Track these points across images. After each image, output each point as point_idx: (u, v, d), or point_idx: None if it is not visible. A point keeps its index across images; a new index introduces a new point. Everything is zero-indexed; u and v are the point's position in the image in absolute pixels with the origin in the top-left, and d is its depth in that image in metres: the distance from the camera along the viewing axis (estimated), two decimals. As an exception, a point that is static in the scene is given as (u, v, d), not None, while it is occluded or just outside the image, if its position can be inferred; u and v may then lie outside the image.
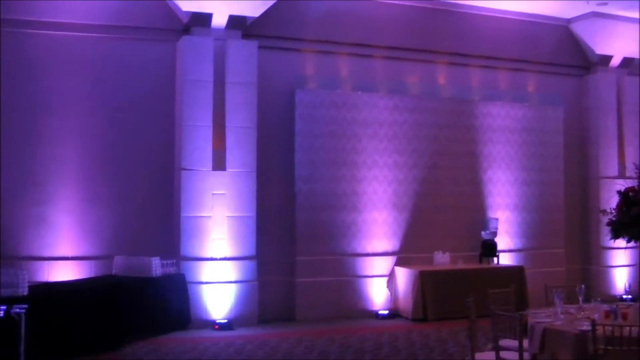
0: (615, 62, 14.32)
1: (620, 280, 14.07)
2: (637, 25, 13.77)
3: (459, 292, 11.89)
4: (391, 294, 12.45)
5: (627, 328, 5.70)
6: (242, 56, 11.37)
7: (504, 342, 6.76)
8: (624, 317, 6.34)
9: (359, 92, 12.55)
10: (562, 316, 6.65)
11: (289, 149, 12.10)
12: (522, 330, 6.24)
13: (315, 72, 12.36)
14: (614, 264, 14.16)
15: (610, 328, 5.84)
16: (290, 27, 12.08)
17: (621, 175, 14.30)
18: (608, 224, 7.16)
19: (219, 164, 11.19)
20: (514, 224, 13.65)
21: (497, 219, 13.22)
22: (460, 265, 12.68)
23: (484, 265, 12.81)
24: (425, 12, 13.09)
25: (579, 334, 6.05)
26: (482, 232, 13.04)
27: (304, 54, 12.31)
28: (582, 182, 14.58)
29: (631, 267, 14.28)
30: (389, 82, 12.91)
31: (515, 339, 6.34)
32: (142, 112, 11.39)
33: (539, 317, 6.69)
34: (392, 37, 12.85)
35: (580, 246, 14.51)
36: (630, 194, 7.04)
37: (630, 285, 12.58)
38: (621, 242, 13.77)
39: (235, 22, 11.33)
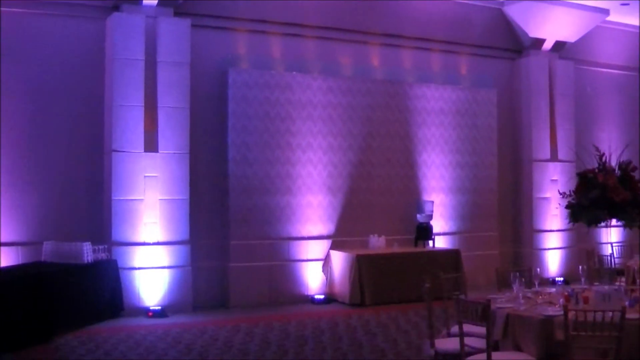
0: (548, 45, 15.08)
1: (552, 262, 14.86)
2: (570, 9, 14.55)
3: (396, 276, 12.52)
4: (327, 279, 12.87)
5: (596, 313, 5.67)
6: (174, 35, 11.56)
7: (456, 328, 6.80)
8: (585, 301, 6.49)
9: (293, 73, 12.90)
10: (522, 301, 6.73)
11: (222, 130, 12.36)
12: (489, 316, 6.13)
13: (248, 52, 12.65)
14: (546, 247, 14.97)
15: (580, 313, 5.76)
16: (223, 5, 12.31)
17: (553, 158, 15.12)
18: (567, 207, 7.39)
19: (151, 145, 11.38)
20: (448, 207, 14.26)
21: (432, 202, 13.79)
22: (397, 249, 13.20)
23: (420, 249, 13.37)
24: (359, -8, 13.52)
25: (544, 320, 6.13)
26: (417, 215, 13.58)
27: (237, 33, 12.58)
28: (515, 165, 15.32)
29: (563, 250, 15.10)
30: (323, 63, 13.31)
31: (476, 325, 6.30)
32: (70, 93, 11.47)
33: (499, 302, 6.76)
34: (325, 17, 13.22)
35: (513, 229, 15.28)
36: (590, 175, 7.22)
37: (538, 270, 13.25)
38: (552, 225, 14.74)
39: (167, -1, 11.53)
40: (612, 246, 12.78)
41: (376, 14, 13.66)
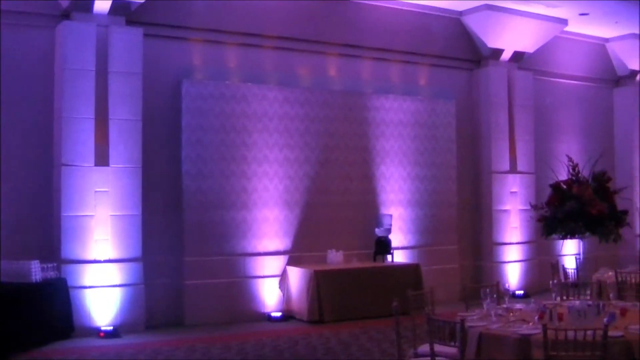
0: (506, 56, 15.44)
1: (512, 275, 15.17)
2: (528, 19, 14.93)
3: (356, 291, 12.68)
4: (284, 295, 12.96)
5: (577, 332, 5.68)
6: (127, 44, 11.58)
7: (426, 347, 6.87)
8: (560, 318, 6.45)
9: (249, 84, 12.99)
10: (494, 319, 6.70)
11: (176, 143, 12.39)
12: (465, 336, 6.21)
13: (203, 63, 12.71)
14: (506, 260, 15.28)
15: (559, 332, 5.77)
16: (177, 14, 12.36)
17: (512, 170, 15.44)
18: (539, 220, 7.39)
19: (102, 159, 11.37)
20: (407, 221, 14.47)
21: (390, 216, 13.98)
22: (356, 264, 13.36)
23: (380, 264, 13.54)
24: (316, 2, 13.65)
25: (520, 339, 6.04)
26: (376, 229, 13.76)
27: (191, 43, 12.63)
28: (474, 177, 15.63)
29: (523, 263, 15.43)
30: (279, 74, 13.43)
31: (446, 345, 6.37)
32: (18, 104, 11.35)
33: (470, 320, 6.65)
34: (282, 27, 13.35)
35: (473, 242, 15.58)
36: (564, 187, 7.25)
37: (509, 286, 13.55)
38: (512, 237, 15.06)
39: (119, 7, 11.51)
40: (576, 259, 13.10)
41: (334, 24, 13.85)
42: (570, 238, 7.20)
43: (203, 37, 12.70)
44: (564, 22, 15.52)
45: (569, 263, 13.01)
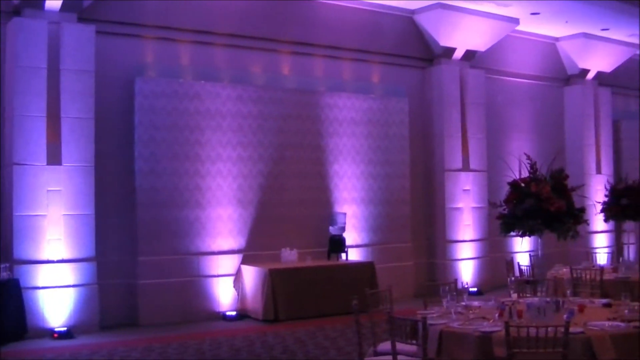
0: (459, 54, 15.91)
1: (466, 273, 15.63)
2: (480, 18, 15.41)
3: (310, 290, 12.98)
4: (238, 294, 13.22)
5: (538, 329, 5.85)
6: (78, 41, 11.71)
7: (385, 345, 7.05)
8: (520, 315, 6.59)
9: (202, 82, 13.22)
10: (454, 316, 6.83)
11: (129, 141, 12.56)
12: (426, 334, 6.32)
13: (156, 60, 12.91)
14: (459, 257, 15.75)
15: (521, 329, 5.93)
16: (130, 11, 12.53)
17: (465, 167, 15.91)
18: (498, 218, 7.53)
19: (54, 158, 11.49)
20: (361, 219, 14.84)
21: (344, 214, 14.31)
22: (310, 262, 13.66)
23: (334, 262, 13.86)
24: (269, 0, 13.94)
25: (482, 336, 6.16)
26: (330, 228, 14.08)
27: (144, 40, 12.82)
28: (427, 175, 16.07)
29: (476, 260, 15.92)
30: (233, 71, 13.68)
31: (407, 343, 6.51)
32: (-34, 102, 11.48)
33: (431, 318, 6.74)
34: (235, 24, 13.60)
35: (426, 240, 16.02)
36: (522, 184, 7.42)
37: (467, 284, 13.99)
38: (465, 235, 15.50)
39: (71, 4, 11.63)
40: (530, 256, 13.59)
41: (287, 21, 14.14)
42: (529, 235, 7.33)
43: (156, 35, 12.90)
44: (516, 21, 16.05)
45: (522, 260, 13.47)
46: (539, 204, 7.17)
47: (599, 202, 12.40)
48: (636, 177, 12.48)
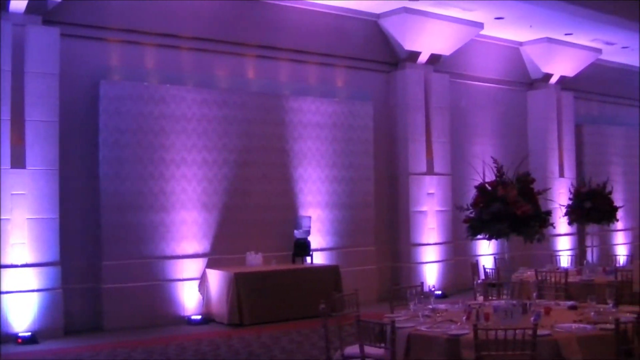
0: (423, 58, 16.32)
1: (430, 276, 16.04)
2: (444, 22, 15.85)
3: (276, 294, 13.27)
4: (203, 298, 13.47)
5: (507, 331, 6.00)
6: (43, 44, 11.88)
7: (353, 349, 7.22)
8: (487, 317, 6.79)
9: (167, 85, 13.45)
10: (422, 319, 6.99)
11: (94, 145, 12.77)
12: (395, 337, 6.46)
13: (121, 63, 13.12)
14: (423, 261, 16.16)
15: (489, 332, 6.07)
16: (95, 14, 12.73)
17: (429, 171, 16.31)
18: (465, 222, 7.67)
19: (18, 161, 11.65)
20: (326, 222, 15.18)
21: (309, 217, 14.65)
22: (275, 266, 13.97)
23: (299, 266, 14.20)
24: (234, 3, 14.22)
25: (450, 339, 6.31)
26: (295, 231, 14.40)
27: (109, 43, 13.02)
28: (391, 179, 16.46)
29: (440, 263, 16.34)
30: (198, 75, 13.95)
31: (375, 346, 6.66)
32: None
33: (398, 321, 6.84)
34: (200, 28, 13.87)
35: (390, 243, 16.40)
36: (489, 188, 7.60)
37: (434, 287, 14.35)
38: (430, 239, 15.88)
39: (35, 6, 11.80)
40: (494, 259, 13.97)
41: (252, 25, 14.43)
42: (496, 239, 7.51)
43: (121, 38, 13.11)
44: (480, 25, 16.52)
45: (487, 263, 13.85)
46: (506, 208, 7.35)
47: (563, 205, 12.80)
48: (599, 180, 12.85)
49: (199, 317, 13.23)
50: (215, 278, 13.38)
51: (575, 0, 15.76)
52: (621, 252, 19.34)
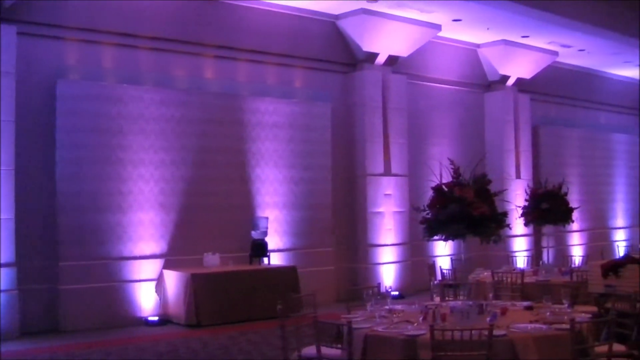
0: (381, 59, 16.71)
1: (387, 277, 16.43)
2: (402, 24, 16.25)
3: (233, 295, 13.52)
4: (161, 299, 13.69)
5: (463, 332, 6.14)
6: (-1, 43, 11.99)
7: (310, 350, 7.30)
8: (443, 318, 6.95)
9: (125, 85, 13.64)
10: (379, 320, 7.10)
11: (50, 145, 12.89)
12: (351, 338, 6.59)
13: (78, 63, 13.26)
14: (381, 261, 16.55)
15: (445, 332, 6.20)
16: (52, 12, 12.85)
17: (387, 172, 16.68)
18: (422, 222, 7.79)
19: (-26, 162, 11.76)
20: (283, 223, 15.49)
21: (266, 218, 14.93)
22: (232, 267, 14.23)
23: (256, 266, 14.48)
24: (193, 3, 14.45)
25: (406, 340, 6.42)
26: (252, 232, 14.67)
27: (66, 42, 13.15)
28: (349, 180, 16.80)
29: (397, 264, 16.75)
30: (156, 75, 14.15)
31: (332, 347, 6.81)
32: None
33: (355, 322, 6.96)
34: (159, 27, 14.07)
35: (348, 244, 16.73)
36: (445, 189, 7.74)
37: (391, 287, 14.67)
38: (387, 239, 16.21)
39: (-8, 5, 11.93)
40: (451, 260, 14.33)
41: (211, 25, 14.68)
42: (453, 240, 7.67)
43: (78, 37, 13.24)
44: (438, 27, 16.95)
45: (444, 264, 14.21)
46: (463, 209, 7.47)
47: (519, 207, 13.10)
48: (555, 181, 13.16)
49: (156, 318, 13.43)
50: (173, 279, 13.58)
51: (533, 3, 16.21)
52: (577, 253, 19.81)
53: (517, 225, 15.49)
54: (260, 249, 14.63)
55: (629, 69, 23.03)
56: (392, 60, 16.87)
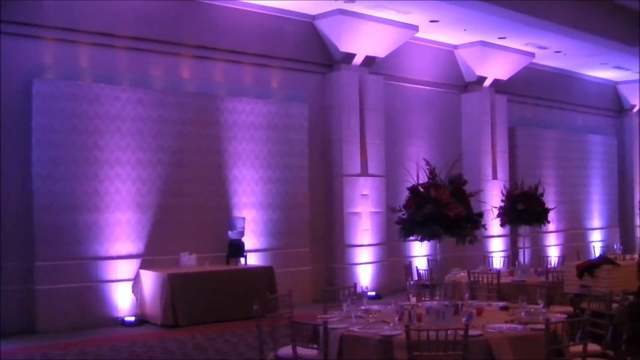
0: (358, 60, 16.92)
1: (364, 277, 16.64)
2: (379, 24, 16.48)
3: (210, 295, 13.66)
4: (137, 299, 13.81)
5: (438, 332, 6.22)
6: (-25, 42, 12.11)
7: (286, 350, 7.41)
8: (419, 318, 7.05)
9: (102, 84, 13.73)
10: (354, 320, 7.18)
11: (26, 145, 12.98)
12: (327, 338, 6.67)
13: (55, 62, 13.34)
14: (358, 262, 16.77)
15: (421, 332, 6.29)
16: (29, 11, 12.95)
17: (364, 173, 16.88)
18: (398, 223, 7.87)
19: (-51, 161, 11.86)
20: (260, 223, 15.67)
21: (243, 219, 15.09)
22: (209, 267, 14.38)
23: (233, 267, 14.64)
24: (170, 3, 14.59)
25: (382, 340, 6.52)
26: (229, 232, 14.82)
27: (43, 41, 13.22)
28: (326, 180, 17.02)
29: (374, 264, 16.97)
30: (133, 75, 14.25)
31: (308, 347, 6.90)
32: None
33: (331, 322, 7.06)
34: (136, 27, 14.18)
35: (325, 244, 16.96)
36: (421, 190, 7.81)
37: (367, 288, 14.83)
38: (364, 240, 16.38)
39: (-33, 4, 12.04)
40: (428, 260, 14.50)
41: (188, 25, 14.82)
42: (428, 240, 7.75)
43: (55, 36, 13.32)
44: (415, 28, 17.18)
45: (421, 264, 14.39)
46: (439, 209, 7.54)
47: (496, 207, 13.26)
48: (531, 182, 13.31)
49: (132, 318, 13.56)
50: (149, 279, 13.71)
51: (510, 4, 16.47)
52: (553, 254, 20.06)
53: (494, 226, 15.76)
54: (237, 249, 14.78)
55: (606, 71, 23.46)
56: (369, 60, 17.08)
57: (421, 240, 7.76)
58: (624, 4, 19.12)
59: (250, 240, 15.29)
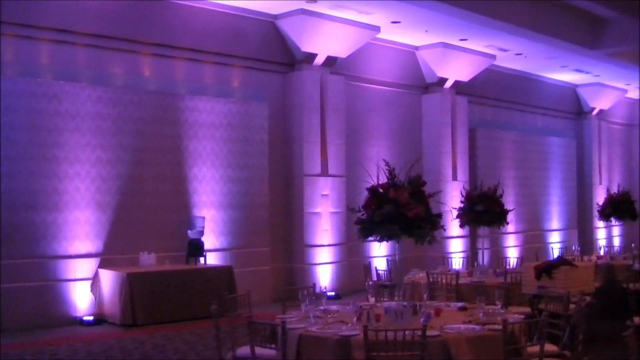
0: (320, 60, 17.24)
1: (324, 277, 16.98)
2: (341, 25, 16.81)
3: (169, 294, 13.88)
4: (96, 299, 13.97)
5: (396, 332, 6.33)
6: None
7: (244, 350, 7.50)
8: (377, 318, 7.14)
9: (61, 82, 13.87)
10: (313, 320, 7.27)
11: (-16, 143, 13.08)
12: (286, 338, 6.76)
13: (14, 59, 13.46)
14: (317, 262, 17.10)
15: (379, 333, 6.41)
16: (-12, 8, 13.07)
17: (324, 173, 17.20)
18: (357, 223, 8.02)
19: None
20: (220, 223, 15.92)
21: (203, 218, 15.34)
22: (168, 266, 14.59)
23: (193, 266, 14.87)
24: (130, 1, 14.75)
25: (340, 340, 6.62)
26: (189, 232, 15.05)
27: (2, 37, 13.28)
28: (286, 180, 17.33)
29: (334, 264, 17.32)
30: (92, 72, 14.42)
31: (267, 347, 7.01)
32: None
33: (290, 322, 7.15)
34: (96, 24, 14.35)
35: (285, 244, 17.27)
36: (380, 190, 7.95)
37: (327, 288, 15.11)
38: (324, 240, 16.68)
39: None
40: (387, 260, 14.79)
41: (148, 23, 15.03)
42: (387, 240, 7.90)
43: (14, 32, 13.42)
44: (377, 29, 17.54)
45: (380, 264, 14.68)
46: (398, 210, 7.66)
47: (455, 208, 13.53)
48: (491, 184, 13.59)
49: (91, 317, 13.71)
50: (108, 278, 13.88)
51: (471, 5, 16.84)
52: (512, 255, 20.53)
53: (453, 227, 16.15)
54: (196, 248, 15.01)
55: (566, 74, 24.04)
56: (330, 61, 17.40)
57: (380, 240, 7.91)
58: (584, 7, 19.60)
59: (210, 240, 15.52)
